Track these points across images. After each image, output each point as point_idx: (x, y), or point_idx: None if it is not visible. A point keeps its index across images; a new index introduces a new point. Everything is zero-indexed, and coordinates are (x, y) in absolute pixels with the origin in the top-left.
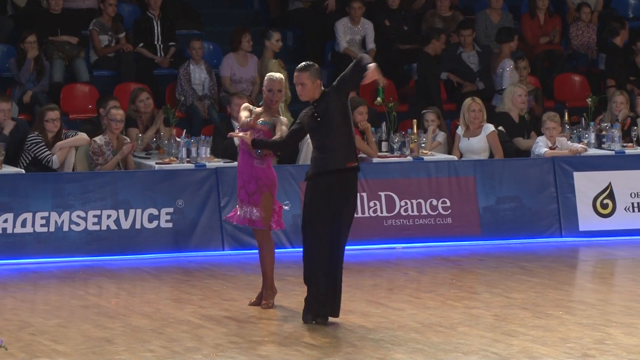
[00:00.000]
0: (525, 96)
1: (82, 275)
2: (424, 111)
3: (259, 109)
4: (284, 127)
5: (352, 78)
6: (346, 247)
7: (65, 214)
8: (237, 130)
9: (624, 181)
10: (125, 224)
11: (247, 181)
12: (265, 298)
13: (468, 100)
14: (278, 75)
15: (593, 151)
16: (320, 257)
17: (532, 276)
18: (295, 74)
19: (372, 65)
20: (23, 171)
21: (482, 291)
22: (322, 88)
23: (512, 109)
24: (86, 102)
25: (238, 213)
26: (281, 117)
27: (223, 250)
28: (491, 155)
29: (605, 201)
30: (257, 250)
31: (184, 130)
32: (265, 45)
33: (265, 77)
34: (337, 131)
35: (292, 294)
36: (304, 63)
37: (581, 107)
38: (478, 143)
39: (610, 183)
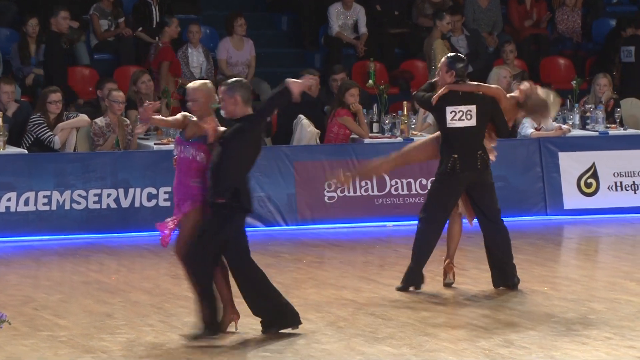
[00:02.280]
0: (510, 77)
1: (83, 252)
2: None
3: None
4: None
5: (276, 106)
6: (339, 225)
7: (67, 193)
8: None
9: (608, 161)
10: (125, 203)
11: (182, 200)
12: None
13: None
14: (191, 85)
15: (577, 132)
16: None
17: (519, 253)
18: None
19: (289, 81)
20: (26, 151)
21: (470, 267)
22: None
23: None
24: (87, 84)
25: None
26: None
27: None
28: None
29: (589, 180)
30: (252, 228)
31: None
32: (436, 25)
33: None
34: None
35: (287, 270)
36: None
37: (566, 89)
38: None
39: (594, 163)
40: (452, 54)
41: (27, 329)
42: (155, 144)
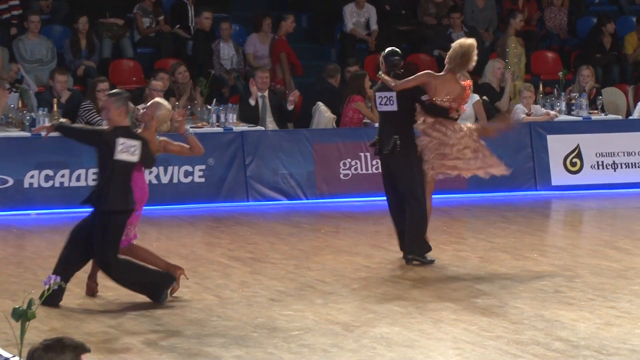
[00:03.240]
0: (504, 69)
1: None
2: None
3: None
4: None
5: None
6: (352, 199)
7: None
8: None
9: (590, 143)
10: (165, 179)
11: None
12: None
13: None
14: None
15: (563, 117)
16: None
17: (512, 224)
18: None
19: None
20: None
21: (468, 237)
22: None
23: (493, 80)
24: (131, 75)
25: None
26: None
27: (247, 201)
28: (477, 121)
29: (574, 160)
30: (276, 201)
31: (214, 99)
32: (510, 22)
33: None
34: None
35: (307, 239)
36: (114, 91)
37: (554, 79)
38: (465, 111)
39: (578, 144)
40: (388, 49)
41: (78, 290)
42: (191, 127)
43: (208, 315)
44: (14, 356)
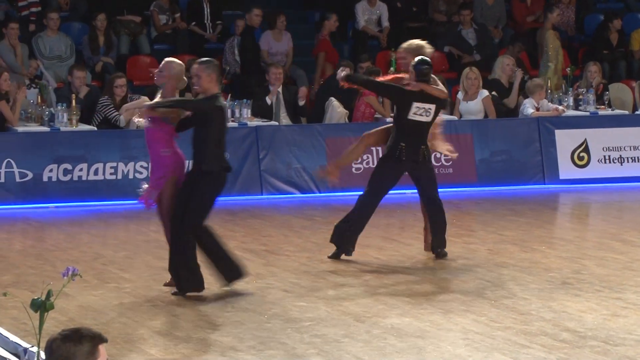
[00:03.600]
0: (513, 65)
1: (145, 215)
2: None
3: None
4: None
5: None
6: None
7: (131, 164)
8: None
9: (598, 137)
10: None
11: (155, 168)
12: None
13: (466, 70)
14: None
15: (571, 112)
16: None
17: (520, 217)
18: (194, 65)
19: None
20: (95, 129)
21: (478, 229)
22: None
23: (502, 76)
24: (148, 71)
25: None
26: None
27: (261, 194)
28: (486, 116)
29: (582, 154)
30: (290, 195)
31: (229, 95)
32: (547, 17)
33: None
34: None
35: (320, 232)
36: (202, 59)
37: (562, 75)
38: (475, 106)
39: (585, 139)
40: (419, 58)
41: (96, 282)
42: None
43: (223, 307)
44: (32, 346)
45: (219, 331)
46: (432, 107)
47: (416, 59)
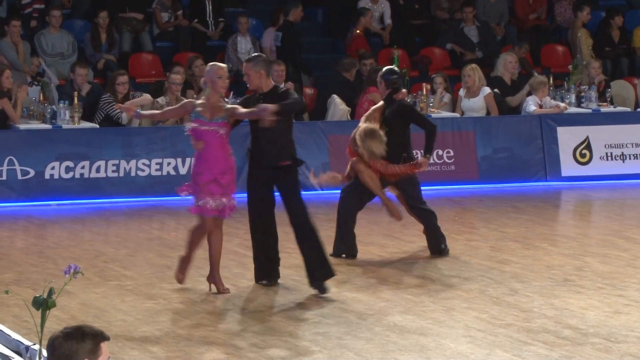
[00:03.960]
0: (516, 62)
1: (146, 213)
2: (434, 75)
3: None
4: (241, 110)
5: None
6: None
7: (133, 162)
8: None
9: (600, 134)
10: (183, 170)
11: (222, 172)
12: (218, 284)
13: (465, 67)
14: (223, 64)
15: (573, 109)
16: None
17: (522, 214)
18: (244, 64)
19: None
20: (97, 126)
21: (480, 226)
22: (273, 84)
23: (505, 74)
24: (150, 68)
25: (210, 204)
26: (227, 105)
27: None
28: (488, 113)
29: (584, 151)
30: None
31: (232, 92)
32: (577, 15)
33: (217, 66)
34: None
35: (322, 229)
36: (251, 55)
37: (564, 72)
38: (477, 103)
39: (587, 136)
40: (386, 68)
41: (98, 279)
42: None
43: (225, 304)
44: (34, 344)
45: (221, 329)
46: None
47: (385, 68)
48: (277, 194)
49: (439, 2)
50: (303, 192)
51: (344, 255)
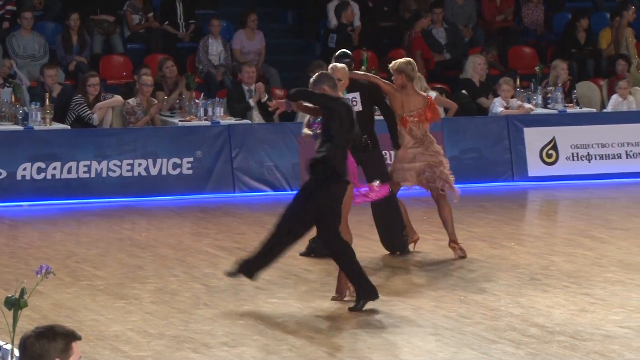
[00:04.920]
0: (484, 64)
1: (118, 214)
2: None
3: None
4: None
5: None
6: None
7: (104, 163)
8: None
9: (566, 135)
10: (154, 171)
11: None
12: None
13: None
14: (340, 65)
15: (540, 110)
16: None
17: (489, 213)
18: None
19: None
20: (69, 127)
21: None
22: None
23: (474, 75)
24: (121, 70)
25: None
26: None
27: (234, 192)
28: (447, 113)
29: (550, 152)
30: (262, 192)
31: (202, 94)
32: (623, 14)
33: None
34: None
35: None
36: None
37: (531, 74)
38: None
39: (554, 137)
40: (340, 51)
41: (70, 279)
42: (179, 120)
43: (195, 303)
44: (6, 343)
45: (191, 328)
46: (356, 94)
47: (338, 52)
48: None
49: (408, 4)
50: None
51: (313, 255)
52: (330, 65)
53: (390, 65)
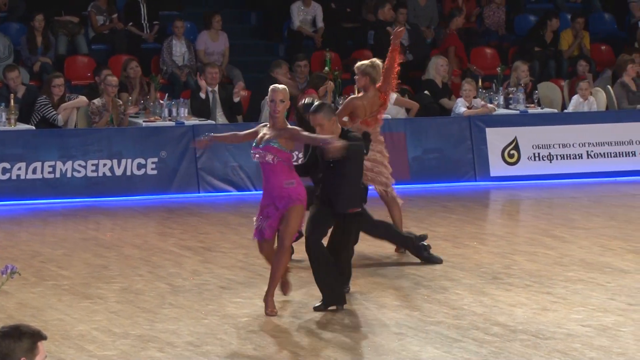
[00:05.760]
0: (447, 66)
1: (83, 214)
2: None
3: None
4: (304, 133)
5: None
6: None
7: (69, 163)
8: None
9: (527, 135)
10: (118, 171)
11: (277, 198)
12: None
13: None
14: (281, 86)
15: (502, 111)
16: None
17: (452, 213)
18: (310, 116)
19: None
20: (34, 128)
21: (411, 226)
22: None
23: (436, 77)
24: (85, 71)
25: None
26: (289, 127)
27: (199, 192)
28: (408, 113)
29: (512, 152)
30: (226, 192)
31: (166, 94)
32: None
33: (270, 89)
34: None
35: None
36: (316, 104)
37: (492, 74)
38: (391, 110)
39: (515, 137)
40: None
41: (35, 279)
42: (144, 121)
43: (161, 303)
44: None
45: (157, 327)
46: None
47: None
48: None
49: (370, 6)
50: None
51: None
52: (271, 87)
53: (356, 66)
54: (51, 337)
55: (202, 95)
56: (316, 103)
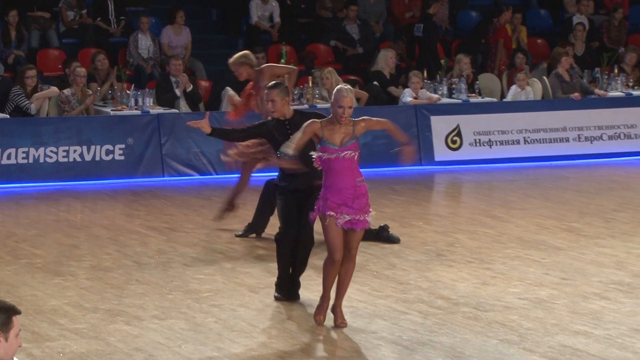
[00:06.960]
0: (395, 58)
1: (54, 197)
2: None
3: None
4: (389, 122)
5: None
6: (256, 174)
7: (41, 149)
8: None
9: (469, 123)
10: (88, 157)
11: (351, 196)
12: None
13: (322, 71)
14: (349, 90)
15: (445, 100)
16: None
17: (400, 195)
18: (266, 91)
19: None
20: (8, 116)
21: None
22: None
23: (385, 68)
24: (57, 63)
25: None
26: (358, 119)
27: (163, 177)
28: (358, 102)
29: (455, 138)
30: (190, 177)
31: (133, 85)
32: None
33: (335, 90)
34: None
35: (217, 210)
36: (273, 82)
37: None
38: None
39: (458, 124)
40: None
41: (9, 258)
42: (112, 110)
43: (128, 279)
44: None
45: (124, 302)
46: None
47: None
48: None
49: (324, 2)
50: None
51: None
52: (339, 90)
53: (229, 63)
54: (25, 312)
55: (179, 92)
56: (274, 82)
